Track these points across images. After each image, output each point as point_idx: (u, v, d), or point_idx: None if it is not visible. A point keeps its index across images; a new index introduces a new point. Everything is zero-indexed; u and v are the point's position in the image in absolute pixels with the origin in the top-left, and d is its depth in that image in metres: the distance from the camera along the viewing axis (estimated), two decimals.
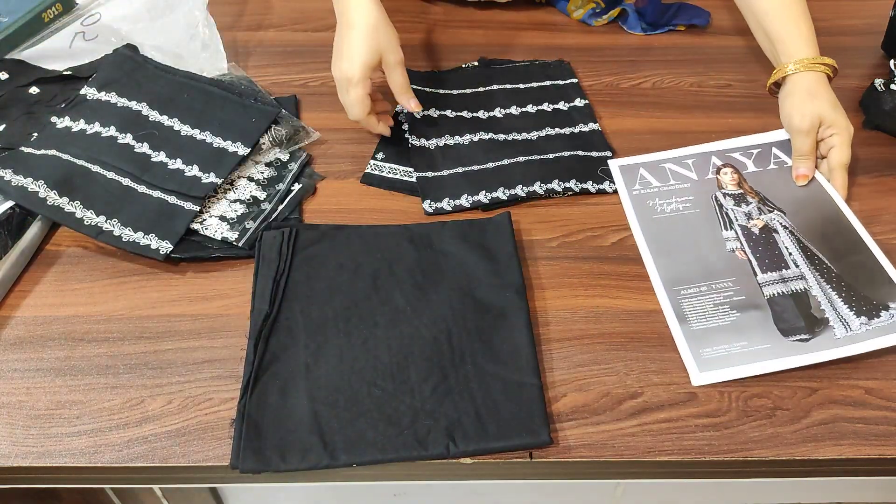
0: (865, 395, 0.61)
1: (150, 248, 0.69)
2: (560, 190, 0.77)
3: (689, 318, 0.66)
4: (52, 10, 0.91)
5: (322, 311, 0.65)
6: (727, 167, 0.79)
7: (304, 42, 0.98)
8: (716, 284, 0.68)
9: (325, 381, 0.60)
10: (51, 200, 0.71)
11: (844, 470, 0.60)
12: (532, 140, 0.83)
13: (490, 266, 0.68)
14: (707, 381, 0.62)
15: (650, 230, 0.74)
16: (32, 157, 0.74)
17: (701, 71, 0.96)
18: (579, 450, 0.57)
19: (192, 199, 0.72)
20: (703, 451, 0.58)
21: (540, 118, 0.86)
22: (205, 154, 0.76)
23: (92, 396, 0.60)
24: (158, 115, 0.79)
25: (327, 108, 0.88)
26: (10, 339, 0.64)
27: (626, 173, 0.80)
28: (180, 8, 0.92)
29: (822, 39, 0.93)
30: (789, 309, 0.66)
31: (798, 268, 0.69)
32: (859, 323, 0.64)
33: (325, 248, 0.70)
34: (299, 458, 0.56)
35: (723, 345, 0.64)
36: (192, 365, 0.62)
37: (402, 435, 0.57)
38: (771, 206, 0.75)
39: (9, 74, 0.85)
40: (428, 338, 0.63)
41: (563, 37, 1.01)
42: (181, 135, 0.78)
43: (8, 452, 0.57)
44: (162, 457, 0.56)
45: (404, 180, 0.79)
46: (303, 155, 0.81)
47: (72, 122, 0.78)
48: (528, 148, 0.81)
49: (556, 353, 0.64)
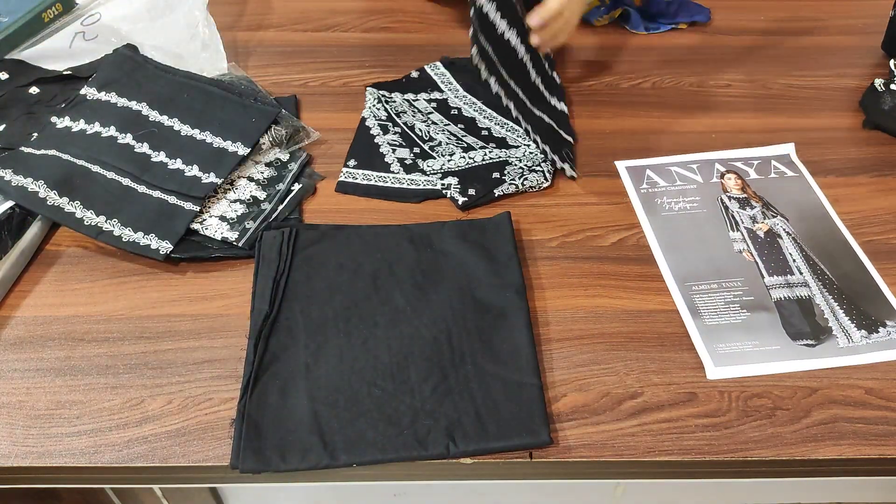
0: (865, 395, 0.61)
1: (150, 248, 0.69)
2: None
3: (702, 313, 0.67)
4: (52, 10, 0.91)
5: (322, 311, 0.65)
6: (730, 173, 0.80)
7: (304, 42, 0.98)
8: (726, 283, 0.69)
9: (325, 381, 0.60)
10: (51, 200, 0.71)
11: (844, 470, 0.60)
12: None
13: (490, 266, 0.68)
14: (722, 375, 0.62)
15: (660, 227, 0.75)
16: (32, 157, 0.74)
17: (701, 71, 0.96)
18: (579, 450, 0.57)
19: (192, 199, 0.72)
20: (703, 451, 0.58)
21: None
22: (205, 154, 0.76)
23: (92, 396, 0.60)
24: (158, 115, 0.79)
25: (327, 108, 0.88)
26: (10, 339, 0.64)
27: (633, 174, 0.80)
28: (180, 8, 0.92)
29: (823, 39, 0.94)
30: (796, 314, 0.67)
31: (802, 275, 0.70)
32: (860, 336, 0.65)
33: (325, 248, 0.70)
34: (299, 458, 0.56)
35: (736, 342, 0.64)
36: (192, 365, 0.62)
37: (402, 435, 0.57)
38: (774, 212, 0.76)
39: (9, 74, 0.85)
40: (428, 338, 0.63)
41: None
42: (181, 135, 0.78)
43: (8, 452, 0.57)
44: (162, 457, 0.56)
45: (379, 185, 0.78)
46: (303, 155, 0.81)
47: (72, 122, 0.78)
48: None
49: (556, 353, 0.64)
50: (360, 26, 1.02)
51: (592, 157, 0.83)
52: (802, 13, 1.06)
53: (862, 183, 0.80)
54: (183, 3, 0.92)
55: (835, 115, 0.89)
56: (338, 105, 0.88)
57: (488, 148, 0.81)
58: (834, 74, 0.95)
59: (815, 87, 0.93)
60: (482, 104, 0.88)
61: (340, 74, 0.93)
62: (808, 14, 1.06)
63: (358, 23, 1.02)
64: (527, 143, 0.82)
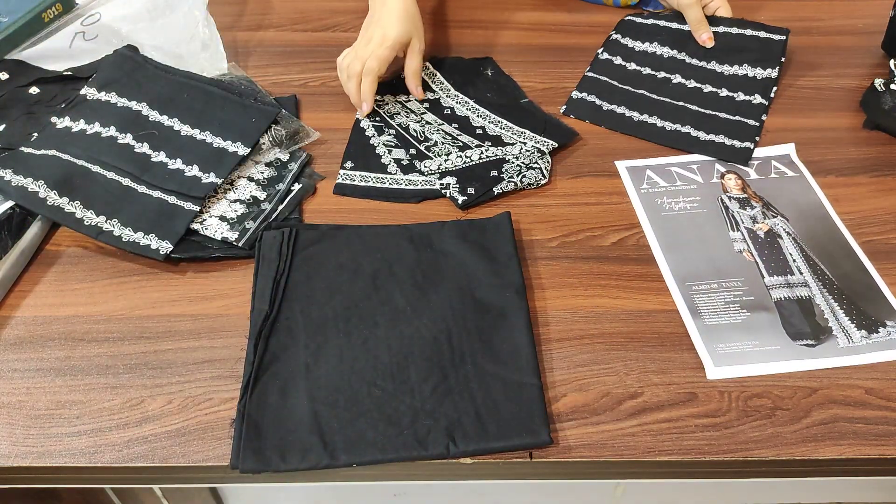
0: (865, 395, 0.61)
1: (149, 248, 0.69)
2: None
3: (701, 313, 0.67)
4: (52, 10, 0.91)
5: (322, 311, 0.65)
6: (731, 173, 0.80)
7: (304, 42, 0.99)
8: (726, 283, 0.69)
9: (325, 381, 0.60)
10: (51, 200, 0.71)
11: (844, 470, 0.60)
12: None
13: (490, 266, 0.68)
14: (722, 375, 0.62)
15: (660, 226, 0.74)
16: (32, 157, 0.74)
17: None
18: (579, 450, 0.57)
19: (192, 200, 0.72)
20: (703, 451, 0.58)
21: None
22: (205, 154, 0.76)
23: (92, 396, 0.60)
24: (158, 115, 0.79)
25: (327, 108, 0.88)
26: (10, 339, 0.64)
27: (633, 173, 0.80)
28: (180, 8, 0.92)
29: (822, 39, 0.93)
30: (796, 314, 0.67)
31: (802, 275, 0.70)
32: (860, 336, 0.65)
33: (325, 248, 0.70)
34: (299, 458, 0.56)
35: (735, 342, 0.64)
36: (192, 365, 0.62)
37: (402, 435, 0.57)
38: (775, 212, 0.76)
39: (9, 75, 0.85)
40: (428, 338, 0.63)
41: (563, 36, 1.01)
42: (181, 135, 0.78)
43: (8, 452, 0.57)
44: (162, 457, 0.56)
45: (377, 187, 0.78)
46: (303, 155, 0.81)
47: (72, 122, 0.78)
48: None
49: (556, 353, 0.64)
50: (360, 26, 1.02)
51: (592, 157, 0.83)
52: (802, 13, 1.06)
53: (862, 183, 0.80)
54: (183, 3, 0.92)
55: (835, 115, 0.89)
56: (338, 105, 0.88)
57: (484, 146, 0.81)
58: (834, 74, 0.95)
59: (815, 87, 0.93)
60: (474, 103, 0.88)
61: None
62: (808, 14, 1.06)
63: (358, 23, 1.02)
64: (522, 141, 0.82)
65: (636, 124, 0.86)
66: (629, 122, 0.86)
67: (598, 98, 0.89)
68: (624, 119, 0.86)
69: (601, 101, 0.88)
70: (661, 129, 0.85)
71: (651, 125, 0.85)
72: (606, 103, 0.88)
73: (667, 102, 0.88)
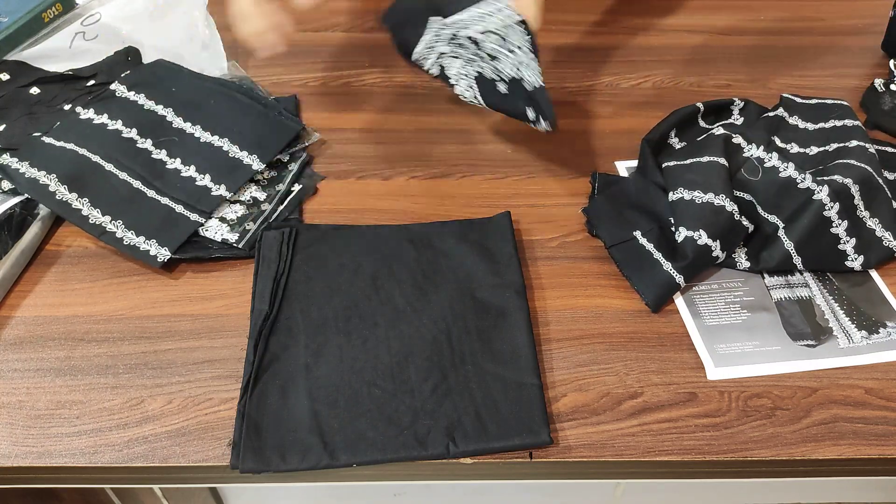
0: (865, 395, 0.61)
1: (148, 253, 0.69)
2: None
3: (702, 313, 0.67)
4: (52, 10, 0.91)
5: (322, 311, 0.65)
6: None
7: (304, 42, 0.99)
8: (726, 283, 0.69)
9: (325, 381, 0.60)
10: (60, 195, 0.71)
11: (844, 470, 0.60)
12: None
13: (490, 266, 0.68)
14: (722, 375, 0.62)
15: None
16: (51, 148, 0.75)
17: (701, 71, 0.96)
18: (579, 450, 0.58)
19: (198, 212, 0.72)
20: (703, 451, 0.58)
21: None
22: (219, 162, 0.76)
23: (92, 396, 0.60)
24: (182, 121, 0.79)
25: (327, 108, 0.88)
26: (10, 339, 0.64)
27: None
28: (180, 8, 0.92)
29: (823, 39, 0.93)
30: (796, 314, 0.67)
31: (802, 276, 0.70)
32: (860, 336, 0.65)
33: (325, 248, 0.70)
34: (299, 458, 0.56)
35: (736, 342, 0.64)
36: (192, 365, 0.62)
37: (402, 435, 0.57)
38: None
39: (10, 75, 0.85)
40: (428, 338, 0.63)
41: (563, 37, 1.01)
42: (200, 141, 0.77)
43: (8, 452, 0.57)
44: (162, 457, 0.57)
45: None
46: (303, 155, 0.81)
47: (95, 115, 0.78)
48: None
49: (556, 353, 0.64)
50: (360, 26, 1.02)
51: (592, 157, 0.83)
52: (802, 13, 1.06)
53: None
54: (183, 3, 0.92)
55: None
56: (338, 105, 0.88)
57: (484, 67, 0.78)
58: (834, 74, 0.95)
59: (815, 88, 0.93)
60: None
61: (340, 74, 0.94)
62: (808, 14, 1.06)
63: (358, 23, 1.02)
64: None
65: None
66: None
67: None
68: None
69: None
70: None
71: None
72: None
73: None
